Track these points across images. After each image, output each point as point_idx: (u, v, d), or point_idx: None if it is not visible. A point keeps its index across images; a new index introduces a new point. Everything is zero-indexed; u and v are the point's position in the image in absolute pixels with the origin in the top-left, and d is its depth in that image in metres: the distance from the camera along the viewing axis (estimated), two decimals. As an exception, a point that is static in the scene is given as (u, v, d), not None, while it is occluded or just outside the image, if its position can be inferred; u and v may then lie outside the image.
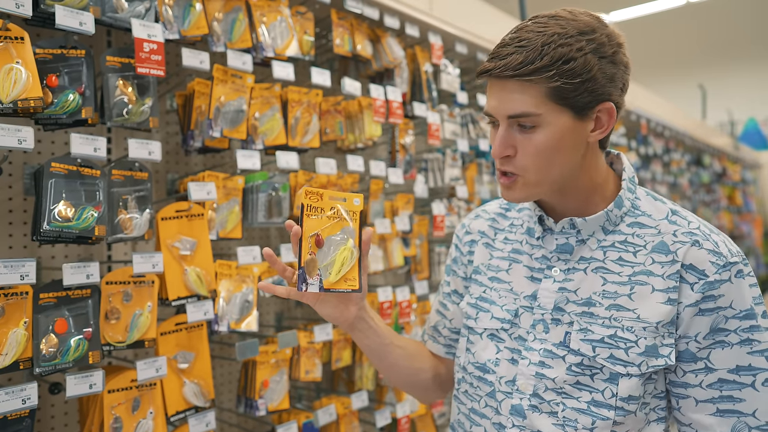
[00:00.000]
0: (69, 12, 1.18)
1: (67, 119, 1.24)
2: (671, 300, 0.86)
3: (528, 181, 0.90)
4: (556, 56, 0.83)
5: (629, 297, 0.89)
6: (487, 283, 1.06)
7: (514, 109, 0.87)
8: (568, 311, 0.93)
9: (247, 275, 1.59)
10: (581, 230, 0.94)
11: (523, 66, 0.84)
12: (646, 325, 0.86)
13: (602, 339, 0.88)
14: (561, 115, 0.86)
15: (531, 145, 0.87)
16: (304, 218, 0.92)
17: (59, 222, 1.18)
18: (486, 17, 2.54)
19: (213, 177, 1.54)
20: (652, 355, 0.86)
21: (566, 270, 0.95)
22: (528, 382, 0.93)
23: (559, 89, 0.84)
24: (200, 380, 1.47)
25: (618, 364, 0.87)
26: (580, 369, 0.89)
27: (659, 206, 0.94)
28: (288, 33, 1.68)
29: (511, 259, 1.03)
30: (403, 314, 2.02)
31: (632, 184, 0.97)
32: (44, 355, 1.18)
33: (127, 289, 1.34)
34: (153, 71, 1.32)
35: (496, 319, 1.00)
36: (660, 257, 0.88)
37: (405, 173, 2.09)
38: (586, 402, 0.88)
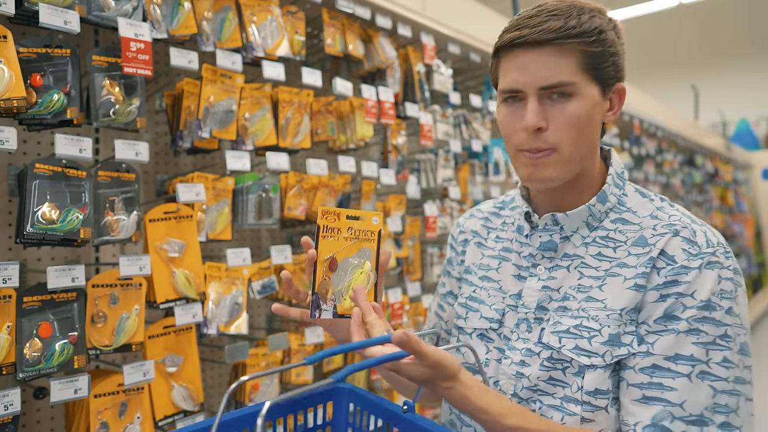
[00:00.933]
0: (53, 10, 1.16)
1: (51, 119, 1.21)
2: (638, 286, 0.84)
3: (563, 156, 0.86)
4: (594, 24, 0.84)
5: (600, 288, 0.87)
6: (477, 282, 1.04)
7: (550, 78, 0.83)
8: (550, 309, 0.91)
9: (236, 277, 1.57)
10: (564, 226, 0.92)
11: (565, 30, 0.82)
12: (610, 313, 0.84)
13: (568, 329, 0.87)
14: (592, 88, 0.86)
15: (565, 117, 0.84)
16: (319, 240, 0.88)
17: (43, 224, 1.15)
18: (479, 17, 2.53)
19: (202, 178, 1.53)
20: (615, 344, 0.83)
21: (551, 268, 0.93)
22: (509, 382, 0.92)
23: (594, 56, 0.84)
24: (189, 384, 1.46)
25: (582, 354, 0.84)
26: (551, 363, 0.88)
27: (645, 203, 0.92)
28: (278, 33, 1.66)
29: (501, 258, 1.02)
30: (396, 316, 2.01)
31: (620, 180, 0.95)
32: (28, 360, 1.15)
33: (114, 292, 1.32)
34: (140, 71, 1.30)
35: (484, 318, 0.99)
36: (637, 250, 0.87)
37: (397, 174, 2.08)
38: (560, 398, 0.86)
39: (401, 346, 0.72)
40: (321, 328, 1.76)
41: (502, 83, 0.89)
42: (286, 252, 1.66)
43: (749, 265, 7.63)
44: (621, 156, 4.06)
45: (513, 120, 0.88)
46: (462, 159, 2.48)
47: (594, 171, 0.93)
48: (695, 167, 6.08)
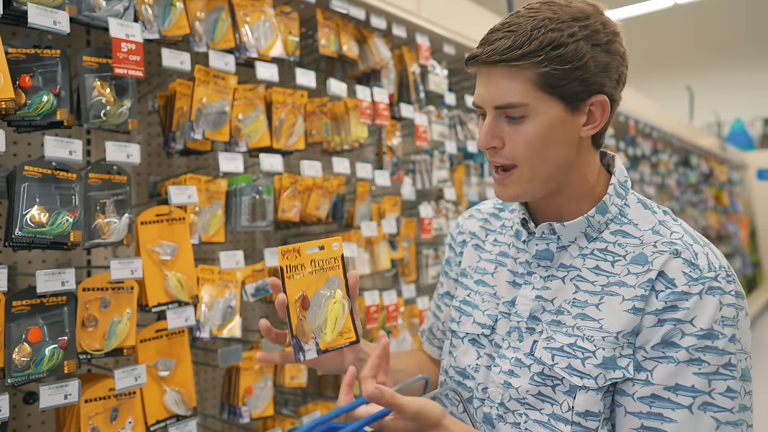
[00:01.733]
0: (42, 10, 1.15)
1: (41, 121, 1.20)
2: (636, 309, 0.81)
3: (522, 175, 0.85)
4: (545, 41, 0.79)
5: (597, 307, 0.84)
6: (472, 286, 1.02)
7: (501, 98, 0.82)
8: (542, 320, 0.89)
9: (230, 280, 1.55)
10: (561, 236, 0.90)
11: (511, 51, 0.79)
12: (606, 335, 0.81)
13: (562, 347, 0.84)
14: (551, 106, 0.81)
15: (519, 137, 0.82)
16: (285, 282, 0.85)
17: (32, 227, 1.14)
18: (474, 18, 2.52)
19: (195, 180, 1.51)
20: (610, 368, 0.81)
21: (546, 277, 0.91)
22: (497, 391, 0.90)
23: (548, 76, 0.80)
24: (181, 388, 1.44)
25: (575, 375, 0.82)
26: (541, 379, 0.85)
27: (647, 216, 0.89)
28: (272, 33, 1.65)
29: (498, 262, 0.99)
30: (390, 318, 2.00)
31: (622, 189, 0.91)
32: (16, 365, 1.14)
33: (105, 296, 1.30)
34: (131, 72, 1.29)
35: (477, 324, 0.97)
36: (636, 268, 0.83)
37: (392, 175, 2.07)
38: (547, 415, 0.84)
39: (375, 401, 0.71)
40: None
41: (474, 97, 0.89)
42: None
43: (744, 265, 7.65)
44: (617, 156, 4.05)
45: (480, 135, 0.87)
46: (457, 160, 2.48)
47: (587, 180, 0.90)
48: (690, 168, 6.10)
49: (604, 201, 0.88)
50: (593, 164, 0.91)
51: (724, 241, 6.76)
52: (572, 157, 0.86)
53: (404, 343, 2.07)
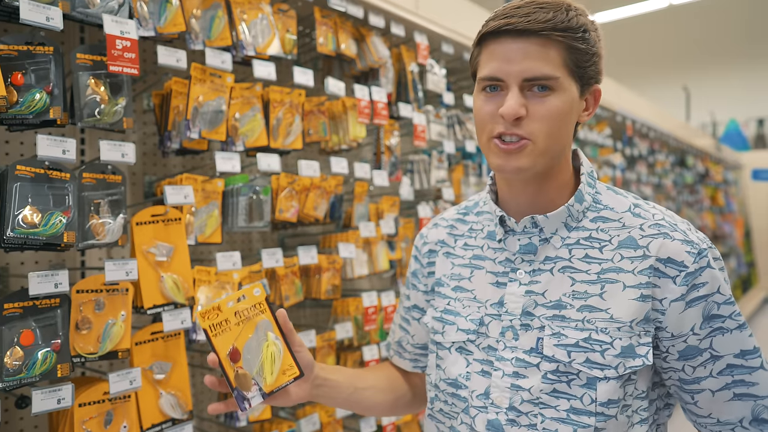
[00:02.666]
0: (34, 6, 1.12)
1: (33, 119, 1.17)
2: (644, 296, 0.84)
3: (537, 148, 0.84)
4: (580, 22, 0.84)
5: (600, 297, 0.85)
6: (450, 294, 1.00)
7: (534, 70, 0.82)
8: (537, 315, 0.88)
9: (226, 281, 1.53)
10: (543, 228, 0.91)
11: (553, 22, 0.82)
12: (620, 325, 0.84)
13: (577, 343, 0.85)
14: (572, 85, 0.86)
15: (544, 109, 0.84)
16: (212, 340, 0.87)
17: (24, 228, 1.11)
18: (472, 16, 2.50)
19: (191, 180, 1.49)
20: (629, 356, 0.83)
21: (531, 272, 0.90)
22: (503, 395, 0.88)
23: (580, 54, 0.84)
24: (177, 391, 1.42)
25: (595, 368, 0.83)
26: (555, 376, 0.85)
27: (620, 200, 0.92)
28: (269, 31, 1.62)
29: (473, 266, 0.98)
30: (389, 319, 1.98)
31: (591, 179, 0.94)
32: (8, 369, 1.11)
33: (100, 298, 1.28)
34: (126, 69, 1.26)
35: (461, 331, 0.95)
36: (629, 252, 0.86)
37: (390, 175, 2.05)
38: (565, 410, 0.84)
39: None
40: (313, 332, 1.73)
41: (484, 71, 0.87)
42: (277, 255, 1.63)
43: (739, 265, 7.68)
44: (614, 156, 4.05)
45: (491, 108, 0.86)
46: (456, 160, 2.46)
47: (566, 170, 0.93)
48: (686, 168, 6.11)
49: (580, 189, 0.91)
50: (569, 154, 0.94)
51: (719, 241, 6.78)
52: (571, 139, 0.91)
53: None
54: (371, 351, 1.91)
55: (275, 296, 1.73)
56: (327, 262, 1.80)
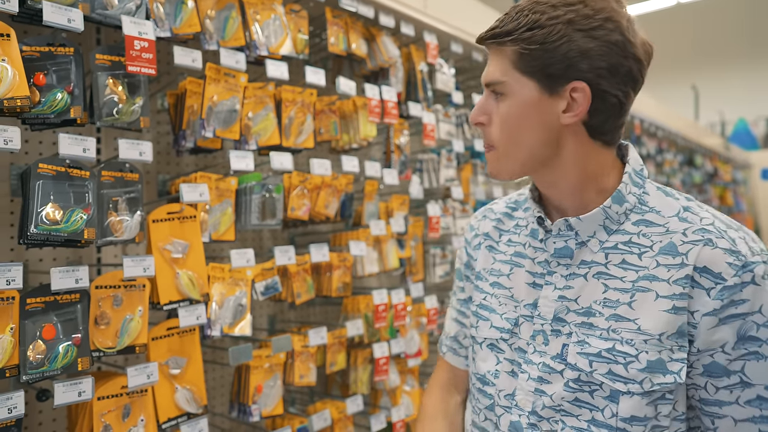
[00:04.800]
0: (57, 8, 1.15)
1: (55, 119, 1.20)
2: (677, 308, 0.77)
3: (499, 154, 0.87)
4: (523, 22, 0.81)
5: (629, 305, 0.80)
6: (487, 289, 0.99)
7: (487, 75, 0.87)
8: (568, 321, 0.85)
9: (240, 278, 1.56)
10: (579, 231, 0.86)
11: (494, 30, 0.85)
12: (647, 338, 0.78)
13: (599, 353, 0.81)
14: (525, 86, 0.83)
15: (497, 114, 0.86)
16: None
17: (47, 225, 1.14)
18: (481, 16, 2.52)
19: (205, 178, 1.51)
20: (658, 371, 0.77)
21: (567, 276, 0.87)
22: (527, 399, 0.87)
23: (520, 56, 0.82)
24: (192, 386, 1.44)
25: (618, 380, 0.79)
26: (578, 385, 0.82)
27: (671, 202, 0.84)
28: (282, 31, 1.65)
29: (513, 263, 0.96)
30: (399, 317, 2.00)
31: (638, 177, 0.87)
32: (31, 362, 1.14)
33: (118, 294, 1.31)
34: (144, 70, 1.29)
35: (495, 328, 0.94)
36: (667, 260, 0.79)
37: (400, 174, 2.07)
38: (587, 421, 0.81)
39: None
40: (324, 329, 1.75)
41: None
42: (289, 253, 1.65)
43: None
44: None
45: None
46: (464, 159, 2.48)
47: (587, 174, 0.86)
48: (695, 167, 6.09)
49: (619, 190, 0.85)
50: (596, 156, 0.86)
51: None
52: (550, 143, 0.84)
53: (412, 342, 2.07)
54: (381, 348, 1.93)
55: (287, 293, 1.75)
56: (338, 259, 1.83)
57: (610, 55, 0.80)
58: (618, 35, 0.80)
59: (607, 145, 0.88)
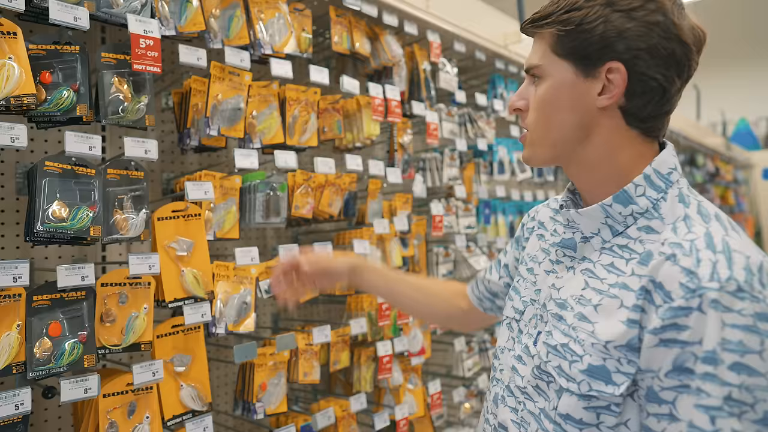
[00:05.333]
0: (63, 7, 1.15)
1: (60, 117, 1.20)
2: (630, 321, 0.73)
3: (531, 138, 0.87)
4: (562, 5, 0.81)
5: (595, 308, 0.78)
6: (523, 273, 1.00)
7: (527, 61, 0.88)
8: (548, 309, 0.87)
9: (244, 276, 1.56)
10: (579, 225, 0.85)
11: (533, 15, 0.86)
12: (595, 342, 0.76)
13: (556, 346, 0.82)
14: (561, 68, 0.82)
15: (533, 98, 0.86)
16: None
17: (53, 222, 1.14)
18: (483, 15, 2.52)
19: (210, 176, 1.52)
20: (599, 378, 0.75)
21: (569, 268, 0.87)
22: (507, 374, 0.92)
23: (557, 38, 0.82)
24: (197, 383, 1.45)
25: (562, 376, 0.79)
26: (538, 372, 0.84)
27: (679, 209, 0.78)
28: (286, 30, 1.65)
29: (546, 252, 0.96)
30: (402, 315, 2.00)
31: (661, 180, 0.80)
32: (38, 359, 1.15)
33: (123, 291, 1.31)
34: (149, 68, 1.29)
35: (513, 308, 0.98)
36: (640, 269, 0.75)
37: (403, 173, 2.07)
38: (540, 409, 0.84)
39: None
40: (328, 327, 1.75)
41: None
42: (294, 251, 1.65)
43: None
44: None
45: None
46: (467, 158, 2.48)
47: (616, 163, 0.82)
48: (696, 167, 6.08)
49: (625, 190, 0.80)
50: (628, 147, 0.82)
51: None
52: (583, 126, 0.82)
53: (415, 340, 2.07)
54: (385, 346, 1.93)
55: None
56: (341, 258, 1.83)
57: (650, 36, 0.77)
58: (660, 16, 0.77)
59: (646, 135, 0.83)
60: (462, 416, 2.44)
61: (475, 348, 2.44)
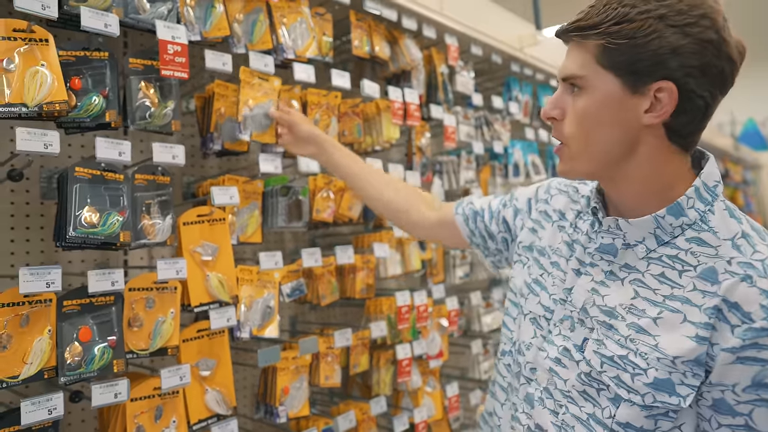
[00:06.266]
0: (94, 13, 1.16)
1: (90, 123, 1.21)
2: (700, 338, 0.75)
3: (571, 152, 0.85)
4: (611, 15, 0.77)
5: (654, 321, 0.79)
6: (547, 266, 0.98)
7: (566, 69, 0.84)
8: (591, 315, 0.86)
9: (268, 280, 1.56)
10: (626, 233, 0.85)
11: (577, 22, 0.81)
12: (661, 357, 0.77)
13: (612, 357, 0.81)
14: (607, 81, 0.79)
15: (573, 110, 0.83)
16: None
17: (85, 228, 1.15)
18: (497, 17, 2.51)
19: (233, 181, 1.52)
20: (664, 390, 0.77)
21: (607, 272, 0.87)
22: (543, 376, 0.91)
23: (605, 50, 0.78)
24: (222, 388, 1.45)
25: (622, 387, 0.80)
26: (588, 379, 0.84)
27: (732, 224, 0.79)
28: (308, 34, 1.65)
29: (572, 248, 0.95)
30: (421, 318, 2.00)
31: (708, 193, 0.81)
32: (69, 364, 1.15)
33: (150, 296, 1.31)
34: (177, 74, 1.30)
35: (541, 305, 0.96)
36: (704, 285, 0.76)
37: (422, 176, 2.07)
38: (587, 414, 0.84)
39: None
40: (350, 331, 1.75)
41: None
42: (316, 255, 1.65)
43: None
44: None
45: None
46: (483, 160, 2.48)
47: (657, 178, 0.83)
48: (706, 168, 6.05)
49: (679, 202, 0.81)
50: (671, 163, 0.83)
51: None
52: (626, 143, 0.81)
53: (434, 343, 2.07)
54: (404, 349, 1.93)
55: (312, 295, 1.76)
56: (361, 261, 1.83)
57: (703, 54, 0.76)
58: (713, 33, 0.76)
59: (684, 150, 0.84)
60: (478, 418, 2.44)
61: (491, 350, 2.44)
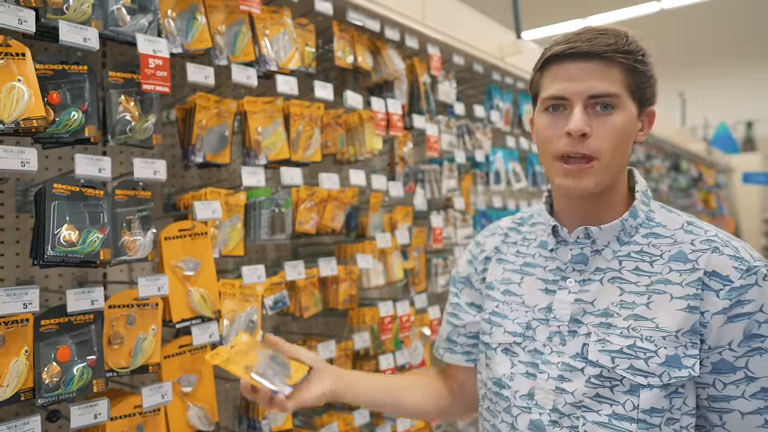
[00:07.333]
0: (73, 27, 1.13)
1: (69, 138, 1.18)
2: (691, 308, 0.85)
3: (602, 165, 0.89)
4: (639, 47, 0.90)
5: (647, 306, 0.88)
6: (499, 297, 1.06)
7: (597, 88, 0.88)
8: (585, 323, 0.92)
9: (250, 294, 1.55)
10: (596, 240, 0.95)
11: (615, 46, 0.88)
12: (665, 334, 0.85)
13: (621, 349, 0.87)
14: (632, 105, 0.91)
15: (607, 126, 0.89)
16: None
17: (64, 247, 1.12)
18: (479, 25, 2.53)
19: (215, 193, 1.50)
20: (674, 366, 0.85)
21: (581, 281, 0.95)
22: (548, 397, 0.92)
23: (639, 76, 0.90)
24: (204, 404, 1.43)
25: (638, 375, 0.85)
26: (599, 381, 0.88)
27: (674, 218, 0.95)
28: (291, 46, 1.64)
29: (524, 273, 1.04)
30: (404, 328, 2.01)
31: (646, 198, 0.98)
32: (47, 385, 1.12)
33: (131, 313, 1.29)
34: (158, 88, 1.28)
35: (508, 333, 1.01)
36: (678, 266, 0.88)
37: (404, 186, 2.08)
38: (607, 415, 0.87)
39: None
40: (333, 342, 1.75)
41: (549, 91, 0.92)
42: (299, 268, 1.65)
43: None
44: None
45: (556, 127, 0.91)
46: (465, 169, 2.49)
47: (623, 187, 0.98)
48: (680, 172, 6.19)
49: (635, 206, 0.95)
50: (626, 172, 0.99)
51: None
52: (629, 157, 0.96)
53: (416, 352, 2.08)
54: (387, 360, 1.93)
55: (295, 307, 1.75)
56: (344, 272, 1.83)
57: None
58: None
59: None
60: (460, 426, 2.46)
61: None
